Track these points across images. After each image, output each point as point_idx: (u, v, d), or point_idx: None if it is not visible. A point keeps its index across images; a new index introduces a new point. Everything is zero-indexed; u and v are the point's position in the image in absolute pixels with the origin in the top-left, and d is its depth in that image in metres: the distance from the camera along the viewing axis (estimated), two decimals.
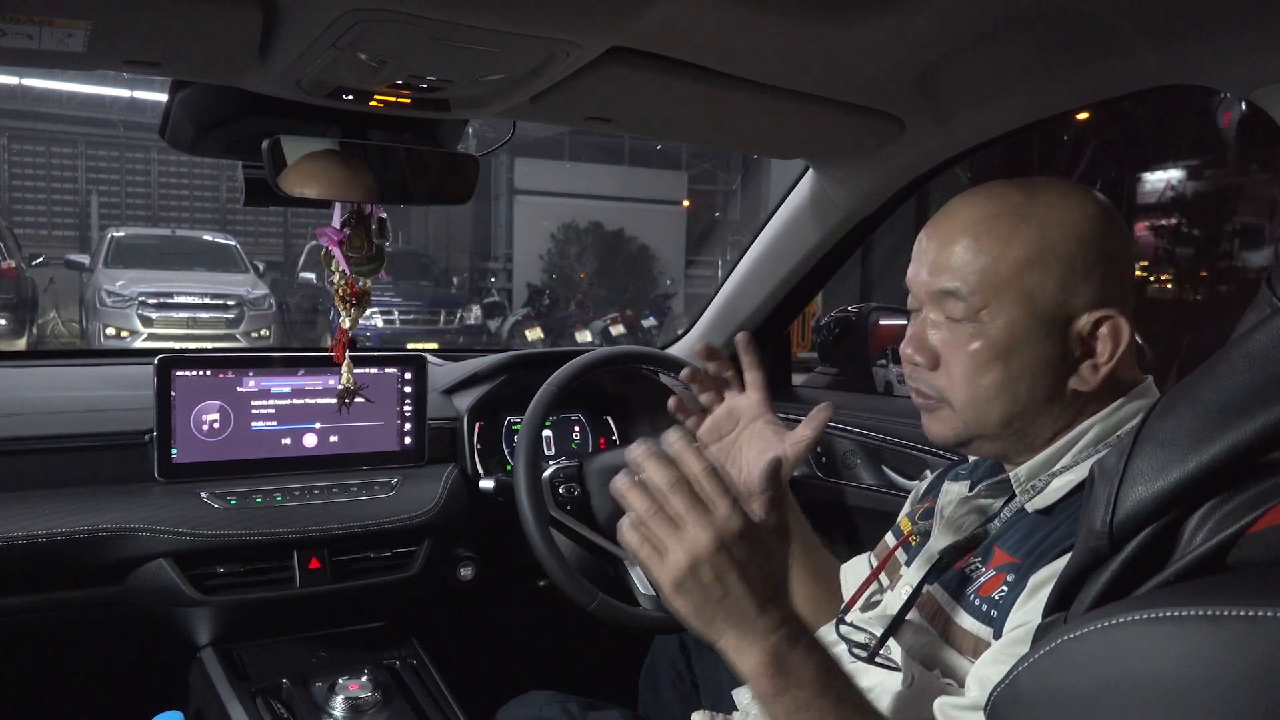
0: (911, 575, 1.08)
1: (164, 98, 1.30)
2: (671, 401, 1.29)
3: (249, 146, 1.27)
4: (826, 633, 1.15)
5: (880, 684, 1.01)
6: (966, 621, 0.94)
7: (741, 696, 1.22)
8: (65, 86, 16.06)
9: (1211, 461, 0.50)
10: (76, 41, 1.02)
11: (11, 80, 15.46)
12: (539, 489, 1.55)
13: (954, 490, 1.10)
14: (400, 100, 1.22)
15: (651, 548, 0.84)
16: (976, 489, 1.05)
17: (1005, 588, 0.91)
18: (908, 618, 1.01)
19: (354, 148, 1.30)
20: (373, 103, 1.22)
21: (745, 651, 0.84)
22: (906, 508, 1.24)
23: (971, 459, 1.15)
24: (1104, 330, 0.92)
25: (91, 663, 1.61)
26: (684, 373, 1.33)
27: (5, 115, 16.23)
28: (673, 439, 0.88)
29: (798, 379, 2.36)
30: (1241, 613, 0.44)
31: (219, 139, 1.32)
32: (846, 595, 1.22)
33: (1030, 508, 0.95)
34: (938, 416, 1.01)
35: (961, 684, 0.92)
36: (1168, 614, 0.46)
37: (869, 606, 1.14)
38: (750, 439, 1.27)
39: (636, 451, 0.88)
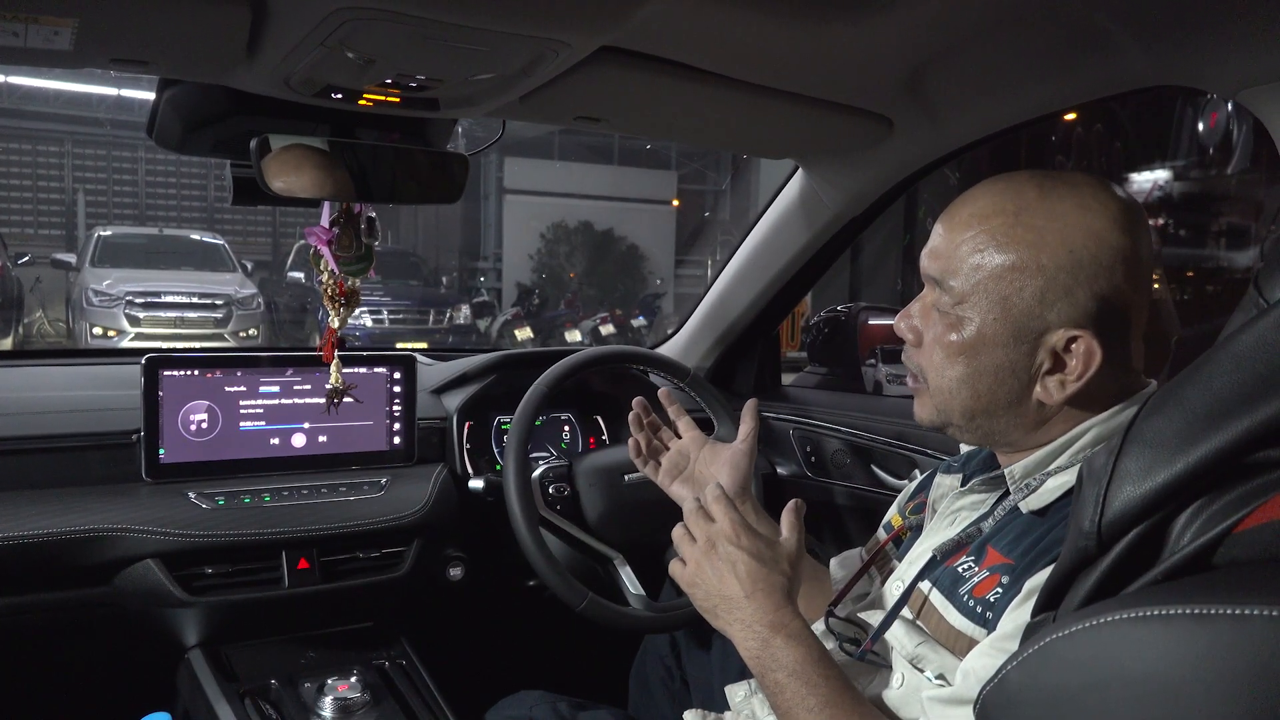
0: (903, 570, 1.08)
1: (152, 96, 1.29)
2: (658, 396, 1.42)
3: (237, 145, 1.26)
4: (817, 628, 1.15)
5: (871, 682, 1.01)
6: (959, 621, 0.94)
7: (734, 694, 1.22)
8: (52, 84, 15.95)
9: (1199, 462, 0.50)
10: (63, 39, 1.02)
11: None
12: (529, 489, 1.55)
13: (946, 483, 1.10)
14: (389, 99, 1.22)
15: (679, 562, 1.07)
16: (970, 483, 1.05)
17: (1000, 589, 0.91)
18: (900, 615, 1.01)
19: (343, 147, 1.30)
20: (362, 101, 1.22)
21: (739, 638, 1.00)
22: (896, 505, 1.24)
23: (964, 450, 1.15)
24: (1076, 349, 0.91)
25: (79, 664, 1.61)
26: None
27: None
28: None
29: (787, 379, 2.36)
30: (1228, 611, 0.44)
31: (207, 138, 1.31)
32: (837, 588, 1.22)
33: (1024, 507, 0.95)
34: (920, 397, 1.04)
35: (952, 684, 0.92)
36: (1156, 613, 0.47)
37: (859, 599, 1.15)
38: (708, 461, 1.38)
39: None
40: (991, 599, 0.91)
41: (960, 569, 0.97)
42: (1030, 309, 0.91)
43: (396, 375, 1.74)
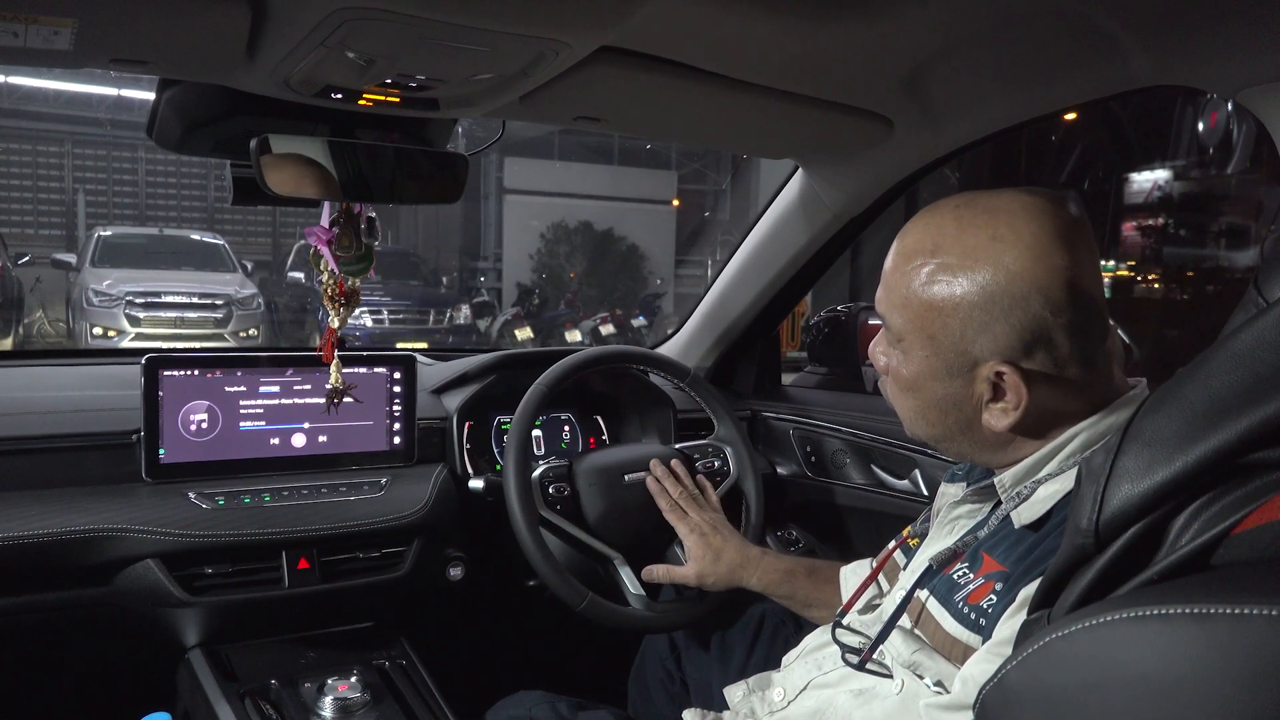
0: (907, 579, 1.08)
1: (151, 96, 1.29)
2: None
3: (237, 145, 1.26)
4: (821, 635, 1.16)
5: (871, 689, 1.01)
6: (955, 629, 0.94)
7: (733, 695, 1.22)
8: (51, 84, 15.96)
9: (1198, 461, 0.50)
10: (63, 39, 1.02)
11: None
12: (529, 489, 1.55)
13: (949, 492, 1.11)
14: (389, 99, 1.22)
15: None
16: (965, 492, 1.05)
17: (994, 596, 0.91)
18: (899, 624, 1.01)
19: (343, 147, 1.30)
20: (361, 101, 1.22)
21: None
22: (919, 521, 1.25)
23: None
24: (1006, 381, 0.92)
25: (79, 664, 1.61)
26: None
27: None
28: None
29: (787, 378, 2.36)
30: (1227, 610, 0.44)
31: (207, 138, 1.31)
32: (846, 598, 1.22)
33: (1017, 519, 0.94)
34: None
35: (950, 692, 0.92)
36: (1155, 612, 0.47)
37: (868, 609, 1.15)
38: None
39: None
40: (986, 606, 0.92)
41: (956, 576, 0.98)
42: (955, 345, 0.93)
43: (396, 375, 1.74)
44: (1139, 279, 9.90)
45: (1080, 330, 0.90)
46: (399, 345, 7.03)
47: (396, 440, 1.74)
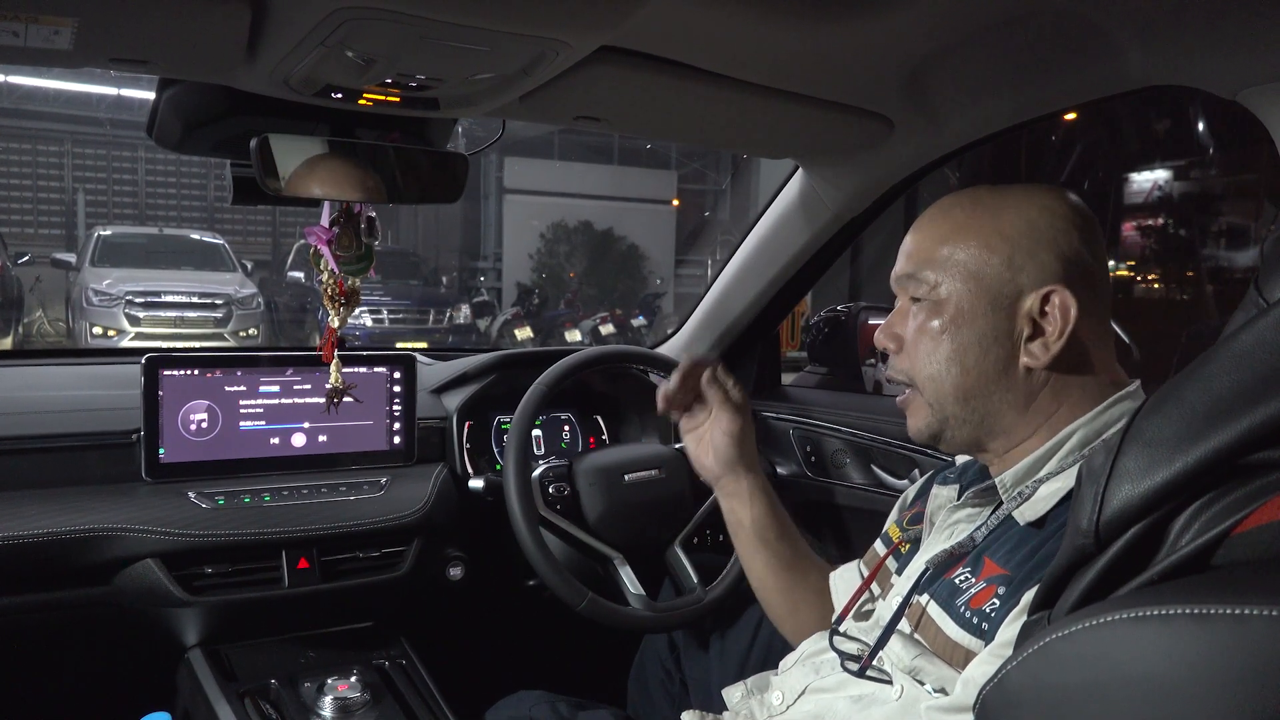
0: (902, 585, 1.07)
1: (151, 95, 1.29)
2: (660, 403, 1.40)
3: (237, 145, 1.26)
4: (818, 641, 1.15)
5: (871, 695, 1.01)
6: (956, 633, 0.94)
7: (731, 695, 1.22)
8: (51, 84, 15.96)
9: (1198, 462, 0.50)
10: (63, 39, 1.02)
11: None
12: (529, 488, 1.55)
13: (943, 495, 1.10)
14: (389, 99, 1.22)
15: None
16: (964, 496, 1.04)
17: (997, 601, 0.91)
18: (898, 628, 1.00)
19: (343, 146, 1.30)
20: (362, 101, 1.22)
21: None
22: (895, 514, 1.24)
23: (959, 461, 1.15)
24: (1051, 307, 0.95)
25: (79, 663, 1.60)
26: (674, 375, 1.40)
27: None
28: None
29: (787, 378, 2.36)
30: (1228, 611, 0.44)
31: (207, 137, 1.31)
32: (838, 604, 1.22)
33: (1020, 518, 0.95)
34: (911, 408, 1.06)
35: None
36: (1155, 612, 0.46)
37: (862, 616, 1.14)
38: (714, 424, 1.39)
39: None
40: (989, 610, 0.91)
41: (957, 580, 0.97)
42: (1001, 276, 0.97)
43: (396, 375, 1.74)
44: (1138, 279, 9.90)
45: (1105, 273, 0.98)
46: (399, 345, 7.04)
47: (396, 440, 1.74)
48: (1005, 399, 0.98)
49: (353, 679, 1.48)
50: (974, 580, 0.95)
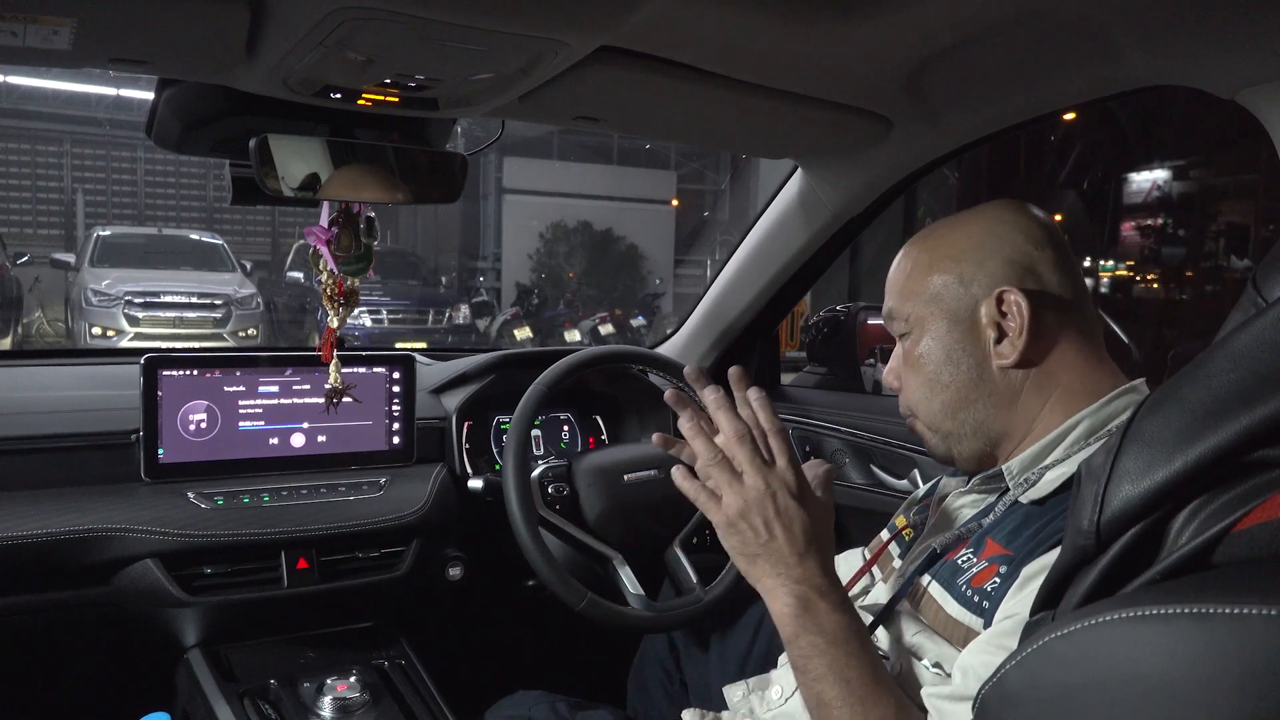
0: (904, 567, 1.10)
1: (150, 96, 1.29)
2: (668, 393, 1.27)
3: (236, 145, 1.26)
4: None
5: None
6: (957, 611, 0.95)
7: (732, 694, 1.22)
8: (50, 84, 15.95)
9: (1197, 461, 0.50)
10: (62, 39, 1.02)
11: None
12: (528, 489, 1.55)
13: (951, 484, 1.13)
14: (388, 99, 1.22)
15: (709, 492, 0.96)
16: (971, 482, 1.07)
17: (998, 579, 0.93)
18: (897, 608, 1.02)
19: (342, 146, 1.30)
20: (361, 101, 1.22)
21: (777, 593, 0.93)
22: (900, 511, 1.25)
23: None
24: (1008, 306, 0.99)
25: (78, 664, 1.60)
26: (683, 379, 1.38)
27: None
28: (753, 396, 1.00)
29: (786, 378, 2.36)
30: (1227, 610, 0.44)
31: (206, 137, 1.31)
32: None
33: (1025, 498, 0.98)
34: (921, 436, 1.11)
35: (949, 674, 0.93)
36: (1154, 612, 0.46)
37: (860, 597, 1.16)
38: None
39: (711, 398, 0.99)
40: (989, 589, 0.93)
41: (960, 561, 0.99)
42: (955, 293, 1.02)
43: (395, 375, 1.74)
44: (1138, 279, 9.91)
45: (1063, 266, 1.01)
46: (398, 345, 7.03)
47: (395, 440, 1.74)
48: (989, 403, 1.02)
49: (352, 679, 1.47)
50: (976, 560, 0.97)
